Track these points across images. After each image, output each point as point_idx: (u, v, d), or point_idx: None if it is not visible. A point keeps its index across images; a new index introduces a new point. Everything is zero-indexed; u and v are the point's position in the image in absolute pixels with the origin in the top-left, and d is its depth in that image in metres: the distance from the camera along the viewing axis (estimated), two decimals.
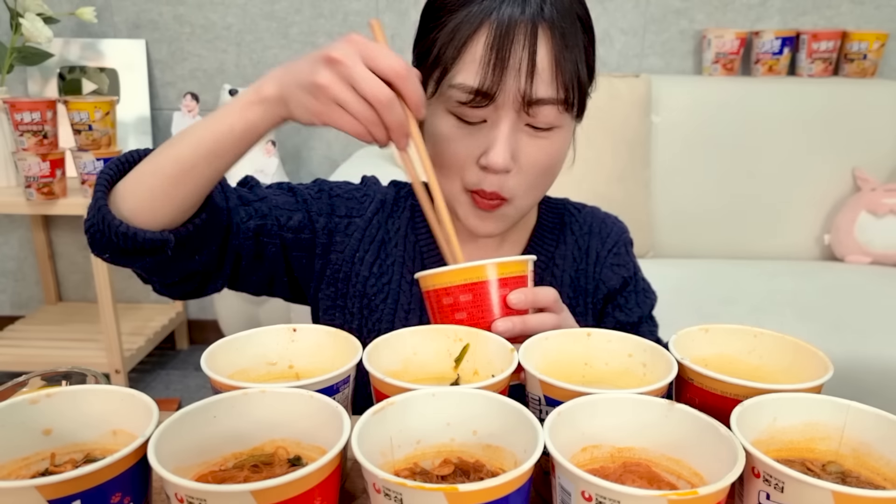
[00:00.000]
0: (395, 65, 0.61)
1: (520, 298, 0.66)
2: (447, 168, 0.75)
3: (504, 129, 0.71)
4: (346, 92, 0.61)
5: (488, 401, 0.50)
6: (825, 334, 1.58)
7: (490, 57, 0.68)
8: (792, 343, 0.60)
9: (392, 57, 0.61)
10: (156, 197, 0.68)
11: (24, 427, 0.47)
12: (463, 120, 0.72)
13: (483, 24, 0.69)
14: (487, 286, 0.65)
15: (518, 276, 0.67)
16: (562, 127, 0.74)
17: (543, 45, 0.69)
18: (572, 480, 0.42)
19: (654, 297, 0.91)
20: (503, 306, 0.65)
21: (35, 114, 1.80)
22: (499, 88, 0.69)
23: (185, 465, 0.46)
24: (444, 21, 0.72)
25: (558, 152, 0.75)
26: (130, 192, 0.69)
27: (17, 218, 2.43)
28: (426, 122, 0.77)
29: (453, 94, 0.71)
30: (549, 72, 0.69)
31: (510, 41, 0.68)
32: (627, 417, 0.50)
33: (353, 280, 0.85)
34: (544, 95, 0.70)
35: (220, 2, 2.23)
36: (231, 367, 0.58)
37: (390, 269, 0.85)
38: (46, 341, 2.21)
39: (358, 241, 0.86)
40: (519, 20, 0.68)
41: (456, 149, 0.74)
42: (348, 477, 0.59)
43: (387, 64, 0.61)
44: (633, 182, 2.01)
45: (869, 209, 2.02)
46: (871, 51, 2.10)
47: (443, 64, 0.71)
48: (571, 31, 0.70)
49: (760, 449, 0.45)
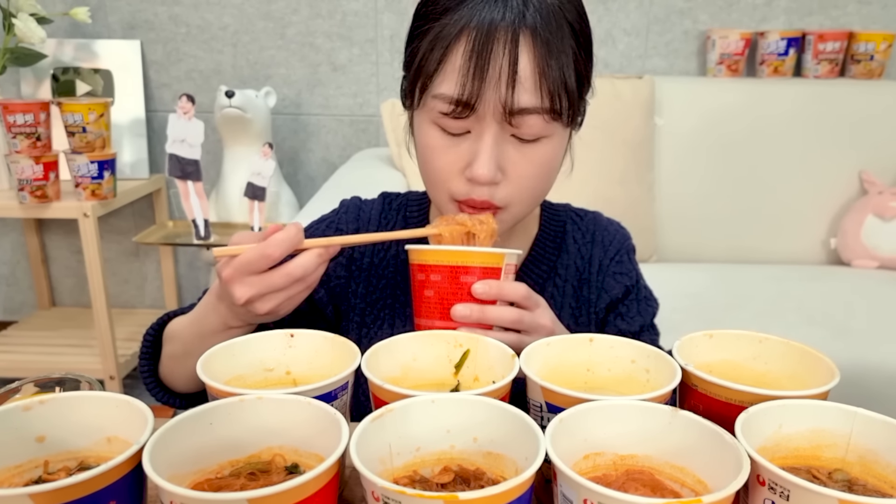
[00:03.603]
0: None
1: (484, 289, 0.66)
2: (434, 180, 0.75)
3: (488, 141, 0.70)
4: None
5: (489, 407, 0.49)
6: (831, 340, 1.57)
7: (469, 66, 0.67)
8: (798, 349, 0.60)
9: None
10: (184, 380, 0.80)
11: (17, 434, 0.47)
12: (447, 131, 0.72)
13: (462, 32, 0.67)
14: (455, 271, 0.66)
15: (489, 268, 0.67)
16: (550, 136, 0.72)
17: (525, 52, 0.67)
18: (574, 488, 0.41)
19: (656, 306, 0.90)
20: (468, 294, 0.66)
21: (28, 116, 1.79)
22: (479, 98, 0.67)
23: (180, 473, 0.46)
24: (426, 29, 0.71)
25: (548, 163, 0.74)
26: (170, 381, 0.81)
27: (10, 221, 2.42)
28: (415, 132, 0.77)
29: (435, 104, 0.70)
30: (532, 80, 0.67)
31: (489, 49, 0.66)
32: (630, 424, 0.50)
33: (350, 315, 0.86)
34: (527, 104, 0.68)
35: (216, 2, 2.22)
36: (227, 373, 0.58)
37: (383, 294, 0.86)
38: (40, 347, 2.20)
39: (346, 277, 0.86)
40: (499, 27, 0.66)
41: (441, 161, 0.73)
42: (347, 485, 0.58)
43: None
44: (636, 185, 2.00)
45: (876, 213, 2.01)
46: (878, 52, 2.09)
47: (424, 73, 0.70)
48: (557, 37, 0.68)
49: (766, 456, 0.44)
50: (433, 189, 0.76)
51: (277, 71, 2.27)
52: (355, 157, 2.16)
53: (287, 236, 0.64)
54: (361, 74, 2.27)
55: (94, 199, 1.87)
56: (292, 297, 0.66)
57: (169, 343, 0.79)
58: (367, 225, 0.88)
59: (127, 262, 2.46)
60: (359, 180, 1.86)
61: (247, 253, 0.64)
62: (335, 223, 0.88)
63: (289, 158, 2.35)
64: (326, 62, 2.26)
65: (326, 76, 2.27)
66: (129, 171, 2.22)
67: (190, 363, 0.73)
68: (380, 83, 2.27)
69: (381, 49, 2.24)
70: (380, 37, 2.23)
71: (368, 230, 0.88)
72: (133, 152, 2.23)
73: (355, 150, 2.29)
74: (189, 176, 1.91)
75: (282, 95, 2.26)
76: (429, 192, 0.78)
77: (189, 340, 0.75)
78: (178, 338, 0.77)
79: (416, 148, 0.78)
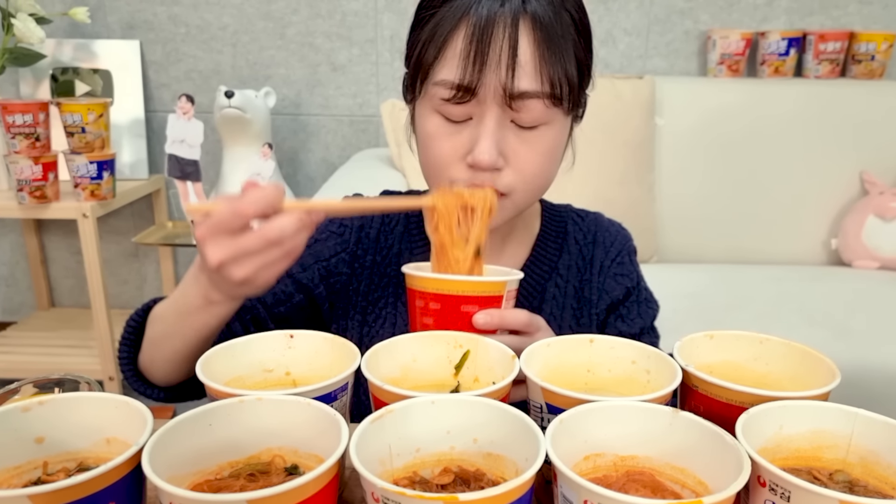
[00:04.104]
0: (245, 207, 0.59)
1: (486, 320, 0.65)
2: (435, 167, 0.75)
3: (489, 125, 0.70)
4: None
5: (489, 408, 0.49)
6: (832, 341, 1.56)
7: (469, 50, 0.67)
8: (799, 350, 0.60)
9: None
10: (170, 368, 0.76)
11: (16, 435, 0.47)
12: (448, 118, 0.72)
13: (462, 19, 0.68)
14: (455, 300, 0.65)
15: (490, 296, 0.66)
16: (551, 123, 0.72)
17: (525, 37, 0.68)
18: (574, 490, 0.41)
19: (656, 308, 0.90)
20: (468, 324, 0.65)
21: (27, 116, 1.78)
22: (479, 82, 0.68)
23: (179, 474, 0.46)
24: (426, 20, 0.72)
25: (550, 151, 0.74)
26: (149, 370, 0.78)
27: (9, 222, 2.41)
28: (416, 123, 0.77)
29: (436, 91, 0.70)
30: (532, 64, 0.68)
31: (490, 34, 0.67)
32: (631, 425, 0.49)
33: (351, 313, 0.86)
34: (528, 88, 0.68)
35: (215, 2, 2.22)
36: (227, 374, 0.58)
37: (385, 292, 0.85)
38: (39, 348, 2.19)
39: (348, 274, 0.86)
40: (499, 13, 0.67)
41: (442, 147, 0.73)
42: (346, 486, 0.58)
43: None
44: (636, 185, 2.00)
45: (877, 213, 2.00)
46: (879, 52, 2.09)
47: (426, 62, 0.71)
48: (557, 24, 0.69)
49: (766, 457, 0.44)
50: (434, 177, 0.76)
51: (277, 71, 2.27)
52: (355, 157, 2.16)
53: (263, 195, 0.59)
54: (361, 75, 2.27)
55: (94, 199, 1.87)
56: (269, 263, 0.60)
57: (150, 326, 0.76)
58: (369, 221, 0.88)
59: (126, 262, 2.46)
60: (359, 181, 1.86)
61: (219, 210, 0.59)
62: (339, 218, 0.88)
63: (288, 159, 2.34)
64: (326, 62, 2.26)
65: (326, 76, 2.27)
66: (128, 171, 2.21)
67: (169, 346, 0.72)
68: (380, 83, 2.27)
69: (381, 49, 2.24)
70: (380, 37, 2.23)
71: (371, 225, 0.87)
72: (132, 153, 2.23)
73: (355, 151, 2.29)
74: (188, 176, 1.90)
75: (281, 96, 2.26)
76: (429, 183, 0.77)
77: (170, 320, 0.72)
78: (159, 319, 0.74)
79: (416, 139, 0.78)
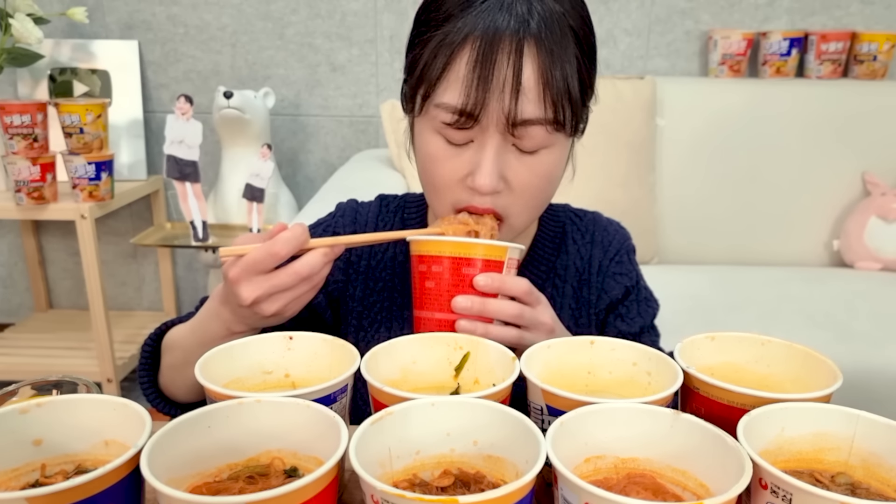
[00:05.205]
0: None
1: (486, 282, 0.66)
2: (436, 188, 0.75)
3: (490, 151, 0.70)
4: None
5: (489, 410, 0.49)
6: (834, 342, 1.56)
7: (473, 76, 0.66)
8: (800, 351, 0.59)
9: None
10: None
11: (14, 437, 0.46)
12: (449, 141, 0.72)
13: (466, 40, 0.67)
14: (456, 263, 0.66)
15: (491, 261, 0.67)
16: (552, 146, 0.72)
17: (529, 61, 0.67)
18: (575, 492, 0.41)
19: (656, 306, 0.90)
20: (470, 286, 0.66)
21: (25, 116, 1.78)
22: (482, 109, 0.67)
23: (178, 477, 0.45)
24: (429, 37, 0.71)
25: (550, 172, 0.74)
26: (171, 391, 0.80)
27: (7, 223, 2.41)
28: (415, 139, 0.77)
29: (438, 114, 0.70)
30: (536, 90, 0.67)
31: (493, 59, 0.66)
32: (632, 427, 0.49)
33: (348, 318, 0.86)
34: (531, 116, 0.68)
35: (214, 2, 2.21)
36: (226, 375, 0.57)
37: (380, 296, 0.86)
38: (36, 349, 2.19)
39: (344, 280, 0.86)
40: (503, 36, 0.66)
41: (443, 170, 0.73)
42: (346, 488, 0.58)
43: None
44: (637, 186, 2.00)
45: (879, 214, 2.00)
46: (881, 52, 2.08)
47: (427, 81, 0.70)
48: (561, 45, 0.68)
49: (768, 460, 0.44)
50: (435, 198, 0.76)
51: (276, 71, 2.27)
52: (354, 158, 2.16)
53: (293, 234, 0.64)
54: (361, 75, 2.27)
55: (92, 200, 1.87)
56: (298, 297, 0.66)
57: (168, 353, 0.78)
58: (363, 228, 0.88)
59: (124, 263, 2.46)
60: (358, 181, 1.86)
61: (253, 252, 0.64)
62: (332, 226, 0.88)
63: (288, 159, 2.34)
64: (325, 63, 2.26)
65: (325, 77, 2.27)
66: (126, 172, 2.21)
67: (190, 372, 0.72)
68: (379, 84, 2.27)
69: (380, 49, 2.24)
70: (379, 37, 2.23)
71: (365, 232, 0.87)
72: (131, 153, 2.23)
73: (355, 151, 2.29)
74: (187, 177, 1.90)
75: (280, 96, 2.26)
76: (429, 200, 0.78)
77: (190, 349, 0.74)
78: (179, 346, 0.77)
79: (416, 154, 0.78)
